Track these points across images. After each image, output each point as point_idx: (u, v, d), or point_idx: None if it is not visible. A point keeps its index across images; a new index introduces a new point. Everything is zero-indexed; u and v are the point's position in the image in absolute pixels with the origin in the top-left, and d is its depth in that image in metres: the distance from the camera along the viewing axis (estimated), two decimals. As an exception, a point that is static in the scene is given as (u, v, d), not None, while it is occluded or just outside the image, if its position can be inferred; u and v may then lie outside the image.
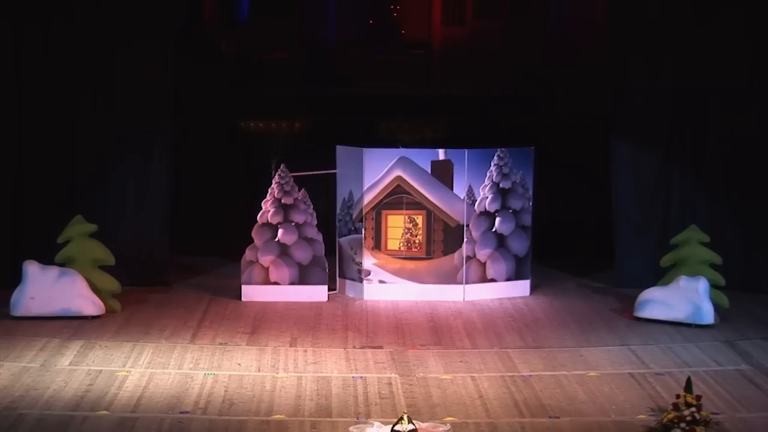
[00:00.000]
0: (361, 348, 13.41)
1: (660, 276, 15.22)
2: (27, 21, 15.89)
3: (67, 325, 14.08)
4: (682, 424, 9.92)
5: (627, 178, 16.37)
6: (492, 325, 14.51)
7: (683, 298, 14.35)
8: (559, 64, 21.54)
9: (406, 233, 15.76)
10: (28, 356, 12.80)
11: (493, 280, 15.83)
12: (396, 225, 15.77)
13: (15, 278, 14.65)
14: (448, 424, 10.57)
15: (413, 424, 9.98)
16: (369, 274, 15.78)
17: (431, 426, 10.43)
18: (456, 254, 15.68)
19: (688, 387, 10.18)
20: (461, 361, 12.86)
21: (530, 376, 12.28)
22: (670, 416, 10.03)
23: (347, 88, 22.13)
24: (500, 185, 15.73)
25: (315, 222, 15.76)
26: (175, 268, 16.64)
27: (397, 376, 12.29)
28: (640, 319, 14.55)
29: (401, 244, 15.79)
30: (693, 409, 9.98)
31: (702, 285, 14.38)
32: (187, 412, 11.05)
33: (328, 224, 16.03)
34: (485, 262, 15.78)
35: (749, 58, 15.96)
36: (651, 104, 16.23)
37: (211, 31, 23.12)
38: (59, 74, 15.97)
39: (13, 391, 11.59)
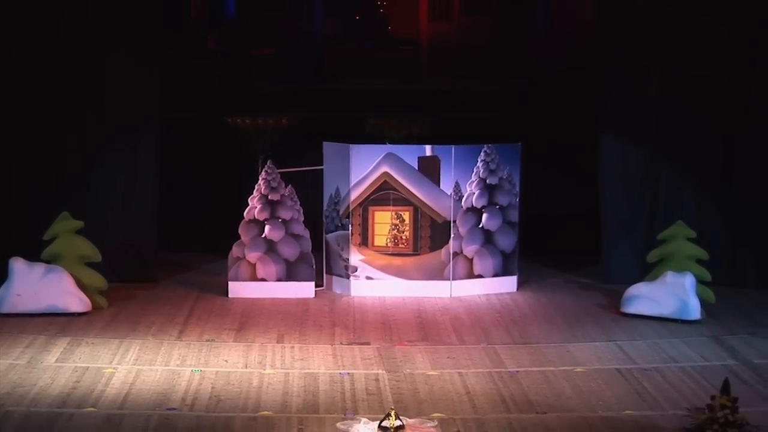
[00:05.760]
0: (348, 344, 13.40)
1: (647, 271, 15.23)
2: (16, 26, 15.88)
3: (54, 322, 14.05)
4: (715, 426, 9.84)
5: (614, 173, 16.39)
6: (479, 321, 14.52)
7: (670, 293, 14.37)
8: (547, 60, 21.54)
9: (393, 229, 15.75)
10: (15, 353, 12.77)
11: (480, 276, 15.83)
12: (383, 221, 15.76)
13: (1, 275, 14.61)
14: (435, 421, 10.56)
15: (400, 420, 10.01)
16: (356, 271, 15.78)
17: (418, 422, 10.43)
18: (443, 250, 15.68)
19: (725, 388, 10.10)
20: (448, 357, 12.86)
21: (517, 372, 12.29)
22: (704, 417, 9.95)
23: (334, 84, 22.08)
24: (487, 181, 15.74)
25: (302, 218, 15.75)
26: (162, 265, 16.64)
27: (384, 372, 12.29)
28: (626, 315, 14.57)
29: (388, 241, 15.79)
30: (727, 411, 9.87)
31: (688, 280, 14.40)
32: (175, 409, 11.04)
33: (315, 221, 16.03)
34: (472, 258, 15.78)
35: (738, 53, 16.03)
36: (638, 100, 16.25)
37: (197, 27, 23.07)
38: (48, 75, 15.96)
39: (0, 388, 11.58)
